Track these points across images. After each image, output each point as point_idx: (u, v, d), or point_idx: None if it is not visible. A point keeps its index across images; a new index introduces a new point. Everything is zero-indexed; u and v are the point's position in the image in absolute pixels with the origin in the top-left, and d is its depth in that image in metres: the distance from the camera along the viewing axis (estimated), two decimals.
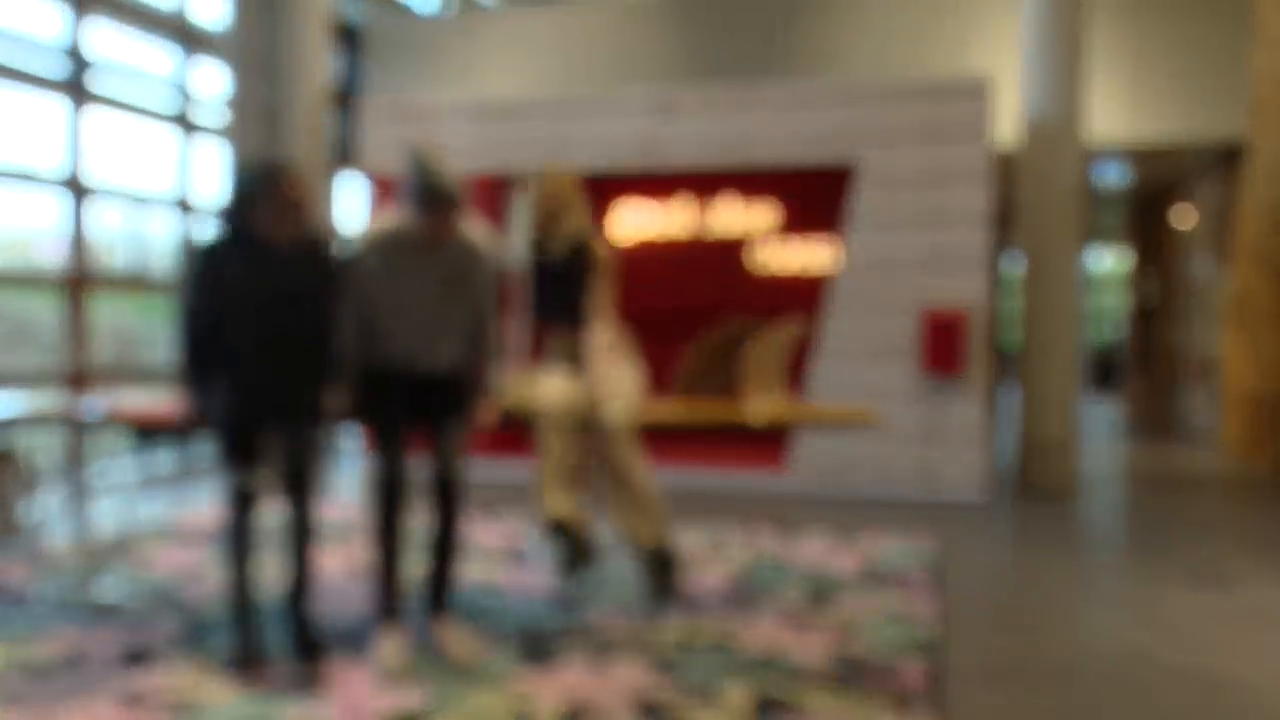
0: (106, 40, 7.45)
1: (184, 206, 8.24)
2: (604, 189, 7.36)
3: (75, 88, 7.10)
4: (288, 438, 3.33)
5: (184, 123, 8.23)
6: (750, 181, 7.07)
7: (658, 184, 7.23)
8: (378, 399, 3.43)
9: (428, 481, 3.46)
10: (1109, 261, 19.01)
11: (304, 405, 3.33)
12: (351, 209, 9.62)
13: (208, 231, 3.37)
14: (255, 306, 3.24)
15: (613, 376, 3.99)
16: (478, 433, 3.56)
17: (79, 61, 7.12)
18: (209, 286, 3.24)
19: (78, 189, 7.08)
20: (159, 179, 8.08)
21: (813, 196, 6.96)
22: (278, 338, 3.27)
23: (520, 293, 4.20)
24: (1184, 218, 11.51)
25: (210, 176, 8.47)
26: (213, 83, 8.48)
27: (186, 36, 8.26)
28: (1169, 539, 5.62)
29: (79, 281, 7.11)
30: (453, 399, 3.49)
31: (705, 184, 7.14)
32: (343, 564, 4.59)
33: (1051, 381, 6.90)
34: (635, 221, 7.31)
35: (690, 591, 4.20)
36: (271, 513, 3.42)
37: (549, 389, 3.94)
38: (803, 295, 6.90)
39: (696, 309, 6.98)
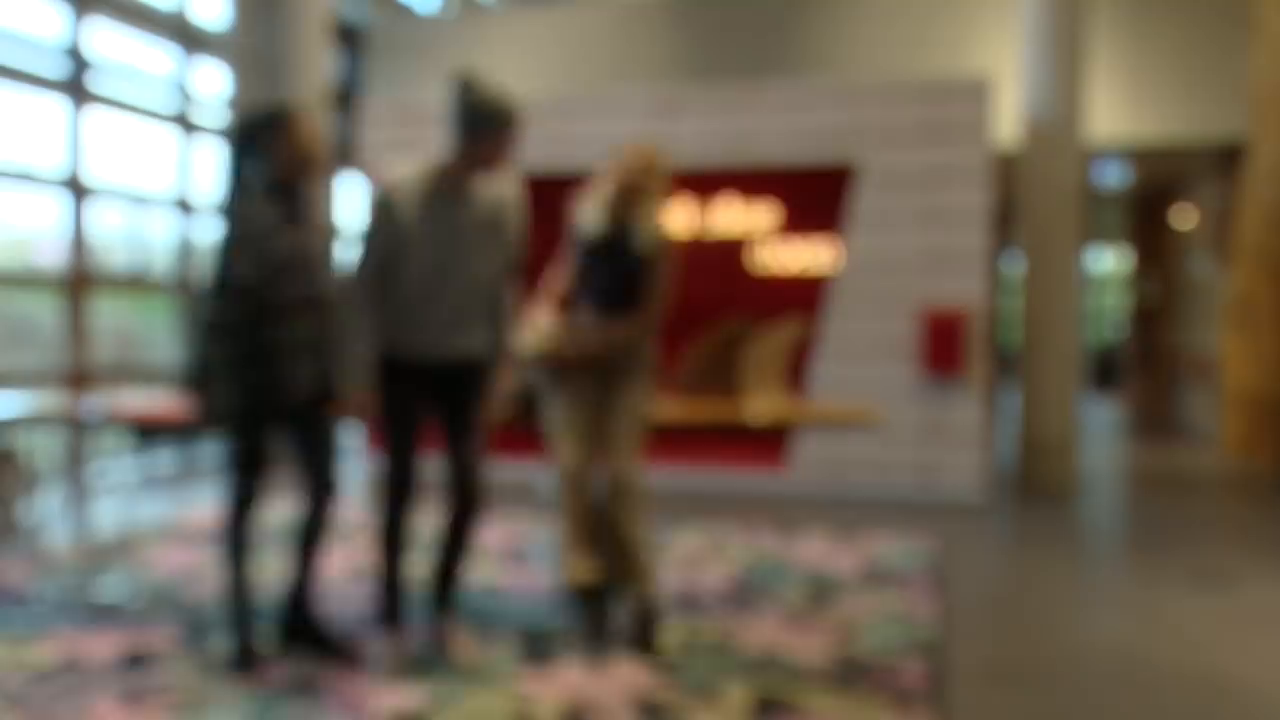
0: (106, 40, 7.45)
1: (184, 206, 8.25)
2: None
3: (75, 88, 7.10)
4: (308, 433, 3.26)
5: (184, 123, 8.24)
6: (750, 181, 7.07)
7: None
8: (395, 388, 3.22)
9: (444, 480, 3.35)
10: (1109, 261, 19.00)
11: (326, 393, 3.21)
12: (351, 209, 9.62)
13: (216, 222, 3.22)
14: (288, 268, 3.09)
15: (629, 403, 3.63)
16: (492, 426, 3.38)
17: (79, 61, 7.13)
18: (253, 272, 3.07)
19: (78, 189, 7.08)
20: (159, 179, 8.08)
21: (813, 196, 6.95)
22: (307, 308, 3.12)
23: (561, 268, 3.82)
24: (1184, 218, 11.51)
25: (210, 176, 8.47)
26: (213, 83, 8.48)
27: (186, 36, 8.26)
28: (1169, 539, 5.62)
29: (79, 281, 7.11)
30: (475, 388, 3.30)
31: (705, 184, 7.13)
32: (343, 564, 4.58)
33: (1051, 381, 6.90)
34: None
35: (690, 591, 4.20)
36: (277, 511, 3.42)
37: (565, 444, 3.60)
38: (803, 295, 6.89)
39: (696, 309, 6.98)
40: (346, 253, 3.32)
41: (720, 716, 2.89)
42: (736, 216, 7.10)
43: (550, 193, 7.45)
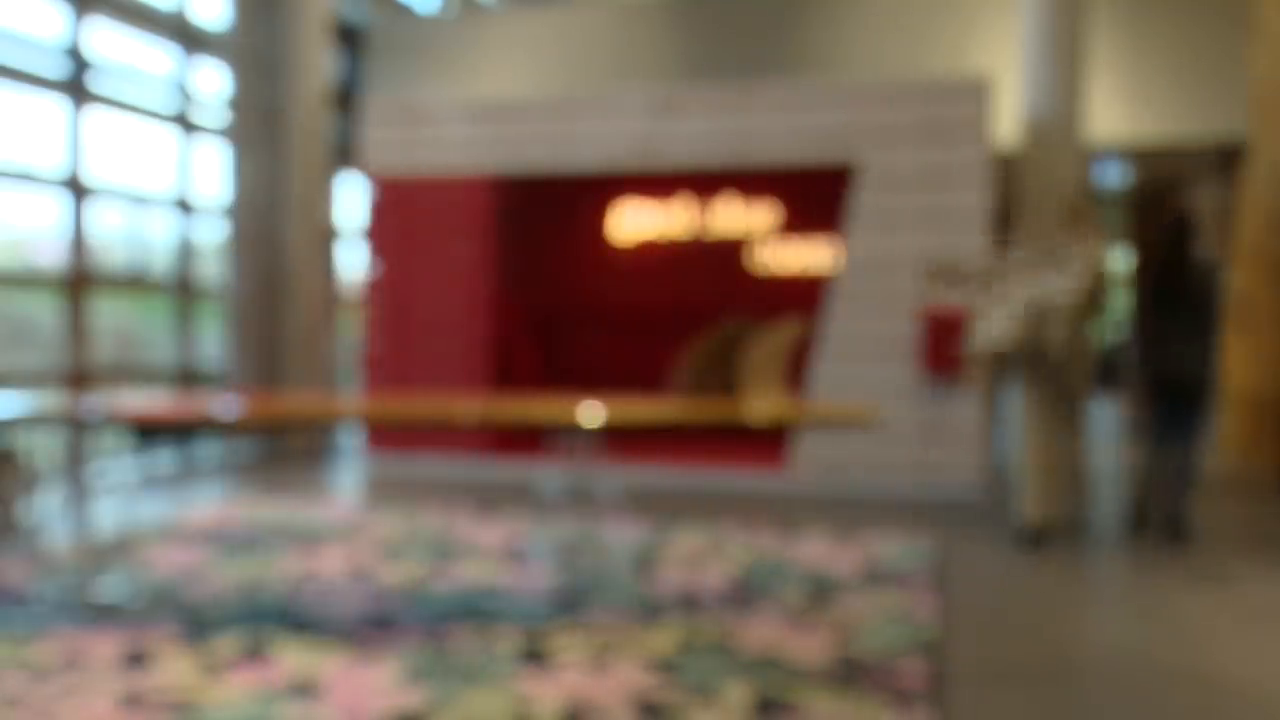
0: (106, 40, 7.45)
1: (184, 206, 8.25)
2: (604, 189, 7.36)
3: (75, 88, 7.11)
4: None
5: (184, 123, 8.24)
6: (750, 181, 7.07)
7: (658, 184, 7.23)
8: None
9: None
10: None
11: None
12: (351, 209, 9.63)
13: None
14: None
15: None
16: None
17: (79, 61, 7.13)
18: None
19: (78, 189, 7.08)
20: (159, 179, 8.09)
21: (813, 196, 6.96)
22: None
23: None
24: None
25: (210, 176, 8.47)
26: (213, 83, 8.48)
27: (186, 36, 8.26)
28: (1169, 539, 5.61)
29: (79, 281, 7.11)
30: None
31: (705, 184, 7.14)
32: (343, 564, 4.58)
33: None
34: (635, 221, 7.31)
35: (690, 591, 4.20)
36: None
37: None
38: (803, 295, 6.90)
39: (696, 309, 6.98)
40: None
41: (720, 716, 2.89)
42: (736, 216, 7.11)
43: (551, 192, 7.48)
